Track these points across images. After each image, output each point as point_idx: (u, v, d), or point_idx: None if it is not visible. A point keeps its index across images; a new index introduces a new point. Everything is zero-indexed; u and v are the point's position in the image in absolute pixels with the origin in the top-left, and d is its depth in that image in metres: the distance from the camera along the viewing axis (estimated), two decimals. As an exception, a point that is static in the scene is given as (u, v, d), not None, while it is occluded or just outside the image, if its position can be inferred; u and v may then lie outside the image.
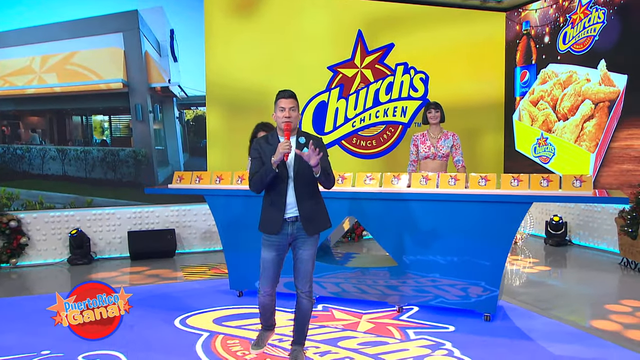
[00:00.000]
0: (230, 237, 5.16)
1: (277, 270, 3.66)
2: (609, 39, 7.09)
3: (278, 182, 3.55)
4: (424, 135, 5.35)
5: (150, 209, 7.23)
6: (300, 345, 3.69)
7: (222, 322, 4.45)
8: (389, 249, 4.68)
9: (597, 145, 7.22)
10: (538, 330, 4.19)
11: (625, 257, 6.34)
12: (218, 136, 7.46)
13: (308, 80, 7.87)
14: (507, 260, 4.37)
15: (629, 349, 3.83)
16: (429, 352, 3.78)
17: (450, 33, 8.54)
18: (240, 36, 7.49)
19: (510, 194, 4.22)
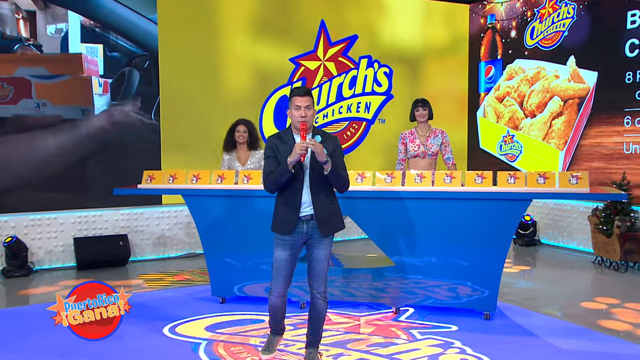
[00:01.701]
0: (212, 240, 5.34)
1: (290, 270, 3.92)
2: (578, 34, 7.85)
3: (293, 181, 3.81)
4: (412, 133, 5.75)
5: (97, 212, 7.21)
6: (315, 348, 3.96)
7: (216, 329, 4.64)
8: (386, 249, 5.04)
9: (566, 142, 7.96)
10: (539, 327, 4.68)
11: (599, 256, 7.07)
12: (173, 131, 7.57)
13: (269, 73, 8.12)
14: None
15: (631, 342, 4.39)
16: (442, 350, 4.17)
17: (414, 25, 9.07)
18: (193, 24, 7.62)
19: (508, 191, 4.68)
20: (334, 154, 3.78)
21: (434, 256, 4.91)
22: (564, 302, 5.53)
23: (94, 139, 7.14)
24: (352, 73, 8.68)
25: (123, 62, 7.32)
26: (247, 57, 7.94)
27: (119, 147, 7.28)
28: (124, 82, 7.32)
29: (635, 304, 5.38)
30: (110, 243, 7.10)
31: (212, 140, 7.66)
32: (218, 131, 7.62)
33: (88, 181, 7.16)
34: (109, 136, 7.22)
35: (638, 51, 7.18)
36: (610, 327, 4.78)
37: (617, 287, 6.09)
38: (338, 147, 3.88)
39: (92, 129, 7.12)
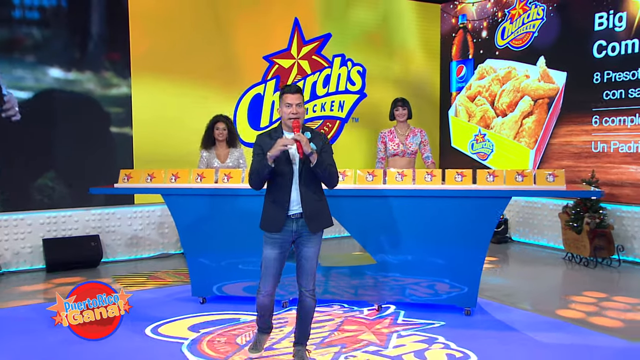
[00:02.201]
0: (193, 240, 5.37)
1: (279, 269, 3.99)
2: (548, 35, 8.11)
3: (281, 180, 3.89)
4: (392, 132, 5.89)
5: (67, 213, 7.14)
6: (303, 345, 4.03)
7: (199, 329, 4.68)
8: (368, 247, 5.15)
9: (536, 141, 8.23)
10: (519, 322, 4.86)
11: (570, 252, 7.33)
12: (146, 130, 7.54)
13: (243, 71, 8.16)
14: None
15: (606, 334, 4.60)
16: (427, 346, 4.29)
17: (387, 24, 9.23)
18: (165, 22, 7.61)
19: (488, 189, 4.84)
20: (322, 151, 3.87)
21: (416, 254, 5.04)
22: (539, 298, 5.73)
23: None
24: (326, 72, 8.79)
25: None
26: (221, 55, 7.96)
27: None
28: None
29: (606, 299, 5.61)
30: (82, 244, 7.03)
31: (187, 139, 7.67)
32: (193, 129, 7.69)
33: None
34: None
35: (605, 52, 7.46)
36: (585, 320, 4.98)
37: (587, 283, 6.33)
38: (326, 144, 3.97)
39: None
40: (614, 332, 4.68)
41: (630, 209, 7.21)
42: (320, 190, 3.98)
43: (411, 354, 4.16)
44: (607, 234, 7.07)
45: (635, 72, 7.16)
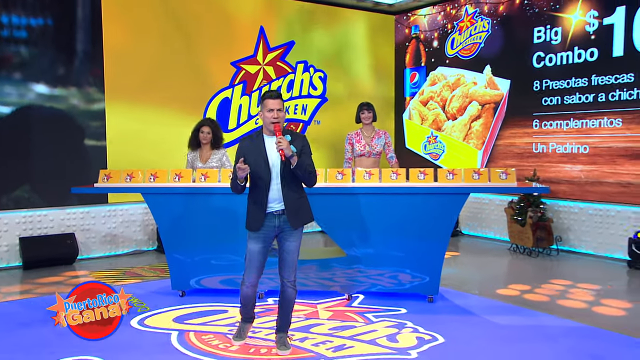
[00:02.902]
0: (172, 236, 5.35)
1: (262, 261, 4.04)
2: (493, 46, 8.38)
3: (261, 182, 3.93)
4: (358, 134, 5.98)
5: (43, 212, 6.97)
6: (285, 332, 4.09)
7: (184, 320, 4.68)
8: (338, 240, 5.23)
9: (483, 143, 8.48)
10: (476, 306, 5.05)
11: (514, 244, 7.60)
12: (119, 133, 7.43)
13: (212, 76, 8.13)
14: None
15: (551, 314, 4.84)
16: (397, 330, 4.41)
17: (346, 33, 9.35)
18: (138, 28, 7.52)
19: (449, 186, 4.99)
20: (302, 152, 3.93)
21: (383, 247, 5.14)
22: (490, 284, 5.93)
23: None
24: (290, 77, 8.83)
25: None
26: (191, 62, 7.91)
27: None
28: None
29: (548, 285, 5.88)
30: (57, 242, 6.88)
31: (159, 141, 7.62)
32: (163, 132, 7.64)
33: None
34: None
35: (543, 63, 7.76)
36: (534, 303, 5.21)
37: (532, 270, 6.60)
38: (306, 145, 4.03)
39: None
40: (556, 312, 4.94)
41: (567, 204, 7.53)
42: (300, 188, 4.04)
43: (384, 338, 4.27)
44: (547, 227, 7.37)
45: (570, 81, 7.48)
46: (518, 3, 8.05)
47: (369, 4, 9.27)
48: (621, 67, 7.00)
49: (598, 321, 4.70)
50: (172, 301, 5.24)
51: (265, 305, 5.06)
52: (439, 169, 5.16)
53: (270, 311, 4.85)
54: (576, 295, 5.50)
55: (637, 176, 6.88)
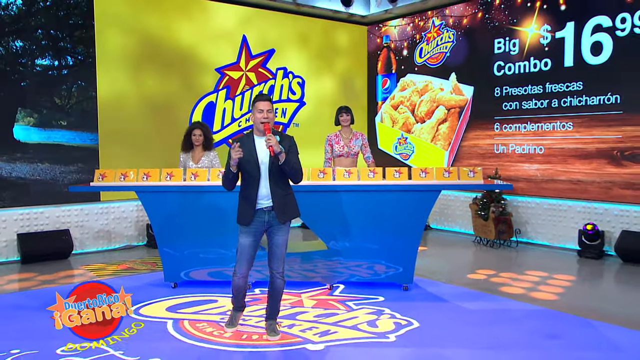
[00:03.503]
0: (164, 231, 5.34)
1: (253, 254, 4.08)
2: (458, 55, 8.54)
3: (251, 180, 3.98)
4: (337, 135, 6.04)
5: (39, 209, 6.88)
6: (274, 320, 4.14)
7: (177, 309, 4.69)
8: (321, 235, 5.29)
9: (449, 144, 8.64)
10: (447, 294, 5.17)
11: (478, 236, 7.77)
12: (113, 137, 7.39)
13: (198, 81, 8.12)
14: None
15: (517, 300, 4.99)
16: (376, 317, 4.50)
17: (322, 42, 9.41)
18: (130, 36, 7.48)
19: (422, 183, 5.09)
20: (289, 151, 3.98)
21: (362, 240, 5.22)
22: (458, 273, 6.07)
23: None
24: (270, 82, 8.86)
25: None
26: (179, 68, 7.89)
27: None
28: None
29: (510, 273, 6.04)
30: (53, 238, 6.81)
31: (149, 143, 7.58)
32: (153, 136, 7.61)
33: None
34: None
35: (503, 71, 7.95)
36: (498, 290, 5.36)
37: (494, 260, 6.76)
38: (293, 145, 4.07)
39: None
40: (518, 297, 5.10)
41: (525, 200, 7.72)
42: (287, 185, 4.09)
43: (365, 324, 4.35)
44: (508, 220, 7.54)
45: (527, 88, 7.67)
46: (480, 17, 8.22)
47: (344, 15, 9.34)
48: (571, 77, 7.22)
49: (555, 304, 4.87)
50: (164, 292, 5.25)
51: (253, 295, 5.09)
52: (412, 168, 5.26)
53: (258, 300, 4.90)
54: (535, 282, 5.67)
55: (586, 174, 7.10)
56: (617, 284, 5.81)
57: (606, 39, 6.89)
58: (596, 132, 7.00)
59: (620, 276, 6.05)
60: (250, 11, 8.57)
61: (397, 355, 3.74)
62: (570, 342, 3.98)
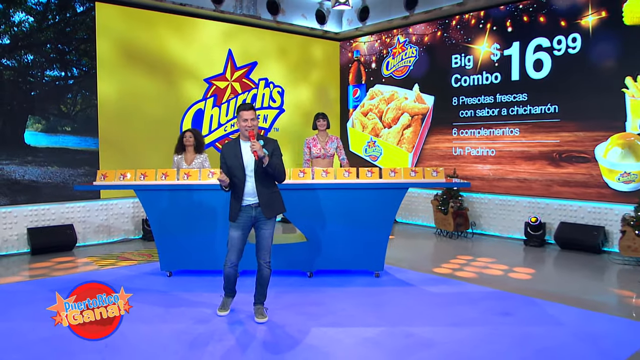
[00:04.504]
0: (160, 225, 5.34)
1: (242, 246, 4.13)
2: (420, 69, 8.69)
3: (237, 181, 4.04)
4: (314, 139, 6.10)
5: (46, 206, 6.81)
6: (262, 304, 4.21)
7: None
8: (301, 228, 5.36)
9: (413, 147, 8.79)
10: (414, 279, 5.30)
11: (439, 229, 7.94)
12: (112, 141, 7.33)
13: (188, 91, 8.10)
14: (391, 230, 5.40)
15: (474, 283, 5.14)
16: (353, 300, 4.59)
17: (299, 55, 9.46)
18: (127, 50, 7.43)
19: (392, 182, 5.18)
20: (273, 154, 4.04)
21: (338, 231, 5.30)
22: (423, 261, 6.21)
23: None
24: (253, 91, 8.88)
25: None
26: (169, 78, 7.86)
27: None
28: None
29: (468, 260, 6.21)
30: (59, 232, 6.75)
31: (144, 146, 7.54)
32: (148, 139, 7.57)
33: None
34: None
35: (460, 83, 8.12)
36: (457, 275, 5.51)
37: (453, 249, 6.91)
38: (277, 148, 4.13)
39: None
40: (475, 281, 5.26)
41: (479, 196, 7.91)
42: (273, 184, 4.14)
43: (343, 306, 4.43)
44: (464, 214, 7.72)
45: (480, 98, 7.87)
46: (439, 35, 8.38)
47: (319, 32, 9.41)
48: (517, 89, 7.44)
49: (506, 286, 5.04)
50: (160, 280, 5.26)
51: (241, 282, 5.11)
52: (383, 168, 5.35)
53: (246, 287, 4.91)
54: (489, 267, 5.84)
55: (531, 174, 7.33)
56: (556, 268, 6.02)
57: (546, 57, 7.12)
58: (539, 137, 7.23)
59: (558, 261, 6.26)
60: (236, 28, 8.58)
61: (371, 333, 3.84)
62: (519, 318, 4.14)
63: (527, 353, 3.47)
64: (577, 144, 6.84)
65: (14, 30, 6.56)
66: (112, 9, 7.28)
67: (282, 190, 5.01)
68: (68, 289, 3.82)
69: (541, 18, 7.14)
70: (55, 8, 6.86)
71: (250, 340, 3.72)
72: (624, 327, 3.96)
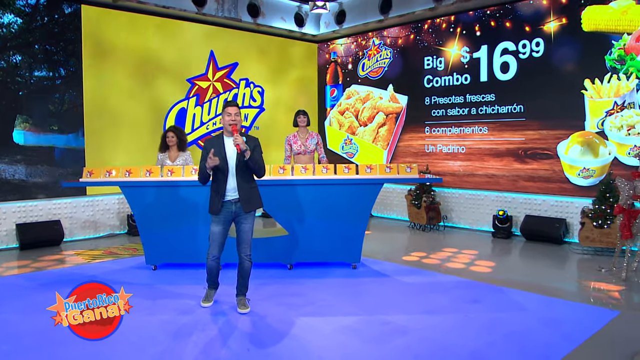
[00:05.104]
0: (145, 220, 5.29)
1: (223, 239, 4.11)
2: (394, 70, 8.75)
3: (220, 175, 4.02)
4: (295, 136, 6.07)
5: (34, 203, 6.68)
6: (244, 295, 4.20)
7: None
8: (281, 222, 5.36)
9: (388, 144, 8.85)
10: (389, 270, 5.35)
11: (413, 222, 8.02)
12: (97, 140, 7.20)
13: (171, 90, 8.01)
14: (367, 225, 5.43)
15: (445, 274, 5.22)
16: (332, 290, 4.62)
17: (279, 56, 9.43)
18: (112, 51, 7.31)
19: (368, 178, 5.21)
20: (254, 150, 4.03)
21: (316, 225, 5.31)
22: (397, 253, 6.26)
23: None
24: (234, 91, 8.82)
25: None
26: (154, 79, 7.76)
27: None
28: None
29: (440, 251, 6.30)
30: (47, 227, 6.62)
31: (129, 144, 7.44)
32: (132, 137, 7.47)
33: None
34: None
35: (432, 84, 8.21)
36: (430, 266, 5.58)
37: (426, 241, 7.00)
38: (258, 145, 4.12)
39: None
40: (445, 271, 5.33)
41: (450, 191, 8.02)
42: (252, 179, 4.13)
43: (322, 296, 4.46)
44: (437, 208, 7.82)
45: (451, 98, 7.96)
46: (412, 38, 8.45)
47: (298, 34, 9.39)
48: (486, 90, 7.55)
49: (475, 276, 5.13)
50: (145, 274, 5.21)
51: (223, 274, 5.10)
52: (359, 164, 5.38)
53: (229, 280, 4.90)
54: (459, 258, 5.93)
55: (498, 169, 7.45)
56: (521, 258, 6.14)
57: (512, 60, 7.24)
58: (506, 135, 7.35)
59: (524, 252, 6.39)
60: (217, 30, 8.50)
61: (349, 322, 3.87)
62: (487, 305, 4.22)
63: (495, 337, 3.54)
64: (541, 142, 6.99)
65: (3, 31, 6.41)
66: (97, 11, 7.15)
67: (263, 186, 5.02)
68: (56, 282, 3.80)
69: (507, 23, 7.26)
70: (44, 9, 6.71)
71: (233, 330, 3.72)
72: (583, 311, 4.07)
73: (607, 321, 3.82)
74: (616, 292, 4.62)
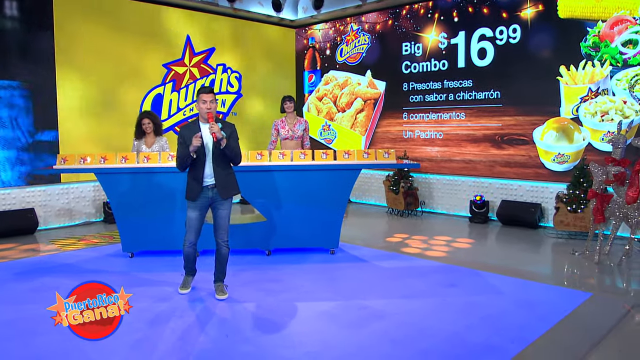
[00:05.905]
0: (121, 208, 5.17)
1: (199, 226, 4.04)
2: (372, 55, 8.69)
3: (197, 161, 3.93)
4: (283, 121, 5.95)
5: (7, 191, 6.47)
6: (221, 282, 4.15)
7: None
8: (259, 208, 5.30)
9: (366, 130, 8.82)
10: (367, 255, 5.34)
11: (391, 208, 8.04)
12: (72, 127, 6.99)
13: (147, 75, 7.81)
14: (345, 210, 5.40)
15: (421, 259, 5.24)
16: (311, 276, 4.59)
17: (256, 42, 9.27)
18: (88, 38, 7.07)
19: (346, 163, 5.18)
20: (230, 137, 3.95)
21: (294, 211, 5.27)
22: (375, 238, 6.28)
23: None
24: (212, 77, 8.66)
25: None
26: (130, 64, 7.55)
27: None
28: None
29: (418, 236, 6.32)
30: (20, 216, 6.43)
31: (104, 131, 7.26)
32: (107, 124, 7.28)
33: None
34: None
35: (410, 70, 8.18)
36: (407, 251, 5.60)
37: (404, 227, 7.02)
38: (234, 132, 4.04)
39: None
40: (424, 256, 5.36)
41: (427, 176, 8.05)
42: (229, 166, 4.06)
43: (301, 282, 4.43)
44: (414, 194, 7.85)
45: (429, 84, 7.95)
46: (390, 24, 8.39)
47: (275, 19, 9.24)
48: (463, 76, 7.55)
49: (451, 260, 5.17)
50: (122, 261, 5.11)
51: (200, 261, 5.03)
52: (337, 150, 5.34)
53: (206, 266, 4.83)
54: (436, 243, 5.96)
55: (475, 155, 7.50)
56: (497, 242, 6.21)
57: (489, 46, 7.25)
58: (483, 121, 7.39)
59: (500, 236, 6.47)
60: (194, 14, 8.30)
61: (327, 307, 3.86)
62: (464, 289, 4.25)
63: (472, 320, 3.56)
64: (517, 128, 7.04)
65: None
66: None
67: (241, 172, 4.96)
68: (31, 271, 3.66)
69: (485, 10, 7.25)
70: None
71: (211, 316, 3.67)
72: (557, 293, 4.13)
73: (580, 302, 3.89)
74: (589, 275, 4.70)
